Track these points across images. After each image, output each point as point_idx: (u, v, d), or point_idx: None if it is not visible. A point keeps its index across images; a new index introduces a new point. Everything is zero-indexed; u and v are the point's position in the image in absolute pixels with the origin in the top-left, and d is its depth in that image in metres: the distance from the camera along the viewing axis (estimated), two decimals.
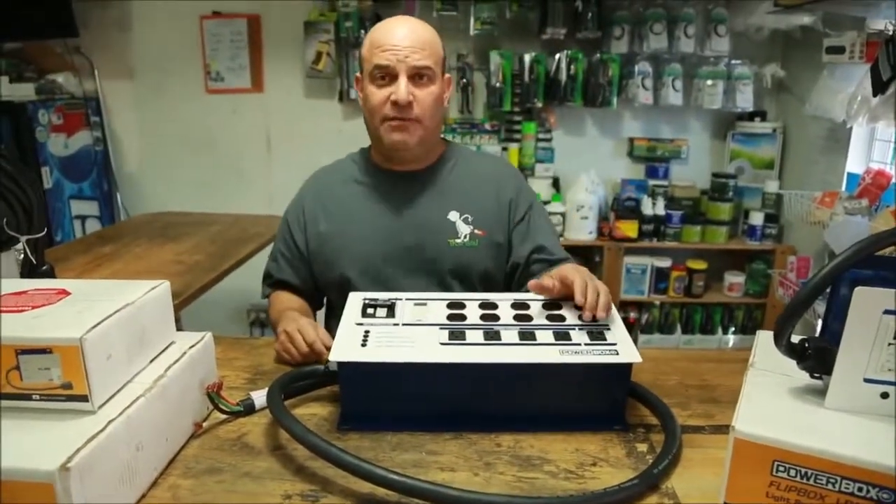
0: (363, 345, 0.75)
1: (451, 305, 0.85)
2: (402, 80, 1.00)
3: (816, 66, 2.11)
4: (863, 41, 1.85)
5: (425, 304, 0.85)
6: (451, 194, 1.11)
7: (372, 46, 1.03)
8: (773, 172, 2.59)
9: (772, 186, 2.52)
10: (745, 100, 2.46)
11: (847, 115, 1.89)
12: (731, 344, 2.66)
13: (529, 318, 0.82)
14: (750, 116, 2.56)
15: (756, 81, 2.46)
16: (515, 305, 0.85)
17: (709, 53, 2.43)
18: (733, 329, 2.69)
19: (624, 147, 2.69)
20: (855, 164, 2.15)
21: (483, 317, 0.82)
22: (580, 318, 0.80)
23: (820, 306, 0.83)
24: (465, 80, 2.52)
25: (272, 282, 1.17)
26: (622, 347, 0.75)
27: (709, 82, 2.44)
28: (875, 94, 1.72)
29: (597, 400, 0.76)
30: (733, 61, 2.46)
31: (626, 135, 2.67)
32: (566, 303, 0.86)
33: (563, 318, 0.81)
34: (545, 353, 0.73)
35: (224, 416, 0.78)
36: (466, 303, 0.85)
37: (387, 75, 1.02)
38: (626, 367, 0.75)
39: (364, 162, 1.17)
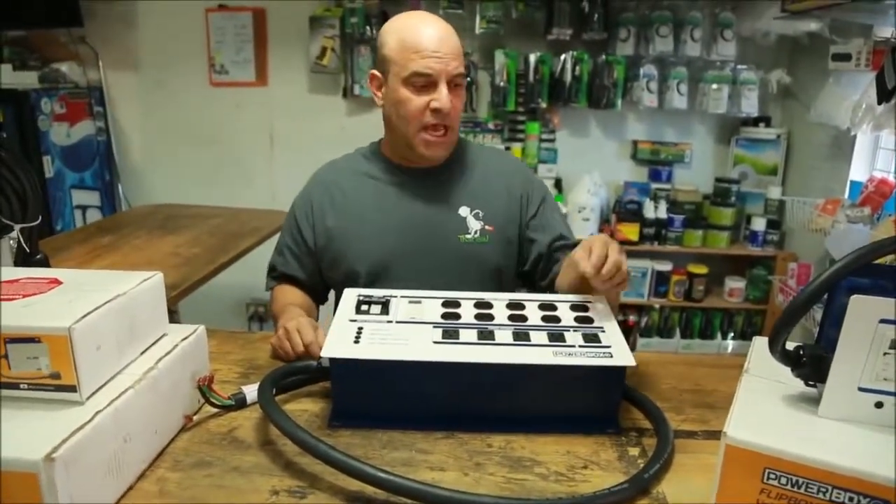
0: (356, 341, 0.75)
1: (445, 304, 0.84)
2: (444, 89, 1.00)
3: (822, 73, 2.10)
4: (869, 49, 1.84)
5: (420, 303, 0.84)
6: (461, 190, 1.11)
7: (407, 49, 1.00)
8: (777, 178, 2.58)
9: (774, 192, 2.52)
10: (750, 105, 2.45)
11: (851, 122, 1.88)
12: (729, 349, 2.65)
13: (524, 318, 0.81)
14: (754, 122, 2.56)
15: (761, 87, 2.45)
16: (510, 305, 0.84)
17: (715, 57, 2.42)
18: (732, 335, 2.68)
19: (627, 149, 2.68)
20: (858, 172, 2.14)
21: (477, 316, 0.81)
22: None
23: (819, 313, 0.82)
24: (469, 79, 2.52)
25: (277, 275, 1.16)
26: (616, 350, 0.74)
27: (714, 86, 2.44)
28: (880, 103, 1.71)
29: (590, 402, 0.75)
30: (739, 66, 2.45)
31: (630, 137, 2.66)
32: (562, 303, 0.85)
33: (558, 320, 0.81)
34: (539, 354, 0.73)
35: (215, 410, 0.78)
36: (461, 301, 0.85)
37: (425, 81, 1.00)
38: (620, 371, 0.74)
39: (374, 157, 1.15)
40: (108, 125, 2.67)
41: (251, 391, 0.79)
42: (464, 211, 1.09)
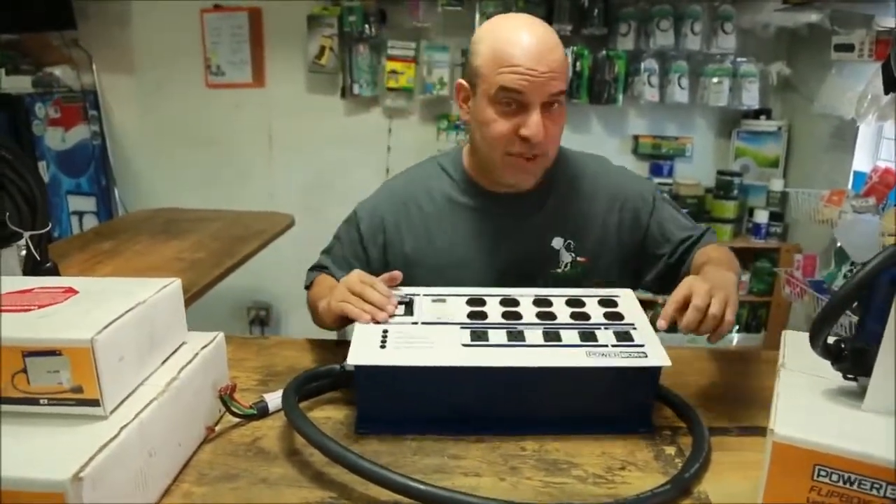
0: (382, 346, 0.73)
1: (470, 302, 0.82)
2: (536, 114, 0.86)
3: (822, 64, 2.10)
4: (872, 39, 1.83)
5: (444, 301, 0.82)
6: (555, 217, 0.99)
7: (498, 61, 0.86)
8: (778, 171, 2.58)
9: (777, 185, 2.51)
10: (750, 97, 2.45)
11: (857, 113, 1.87)
12: (734, 342, 2.65)
13: (553, 315, 0.79)
14: (755, 114, 2.55)
15: (762, 79, 2.45)
16: (537, 302, 0.82)
17: (715, 51, 2.42)
18: (737, 327, 2.68)
19: (629, 144, 2.67)
20: (861, 162, 2.14)
21: (505, 314, 0.79)
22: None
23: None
24: None
25: (324, 272, 1.04)
26: (650, 349, 0.72)
27: (715, 80, 2.43)
28: (887, 93, 1.69)
29: (624, 403, 0.73)
30: (739, 59, 2.44)
31: (631, 132, 2.65)
32: (590, 298, 0.83)
33: (587, 317, 0.79)
34: (571, 355, 0.71)
35: (236, 420, 0.75)
36: (486, 299, 0.83)
37: (515, 102, 0.87)
38: (656, 371, 0.73)
39: (457, 173, 1.01)
40: (104, 129, 2.63)
41: (273, 399, 0.77)
42: (557, 243, 0.98)
